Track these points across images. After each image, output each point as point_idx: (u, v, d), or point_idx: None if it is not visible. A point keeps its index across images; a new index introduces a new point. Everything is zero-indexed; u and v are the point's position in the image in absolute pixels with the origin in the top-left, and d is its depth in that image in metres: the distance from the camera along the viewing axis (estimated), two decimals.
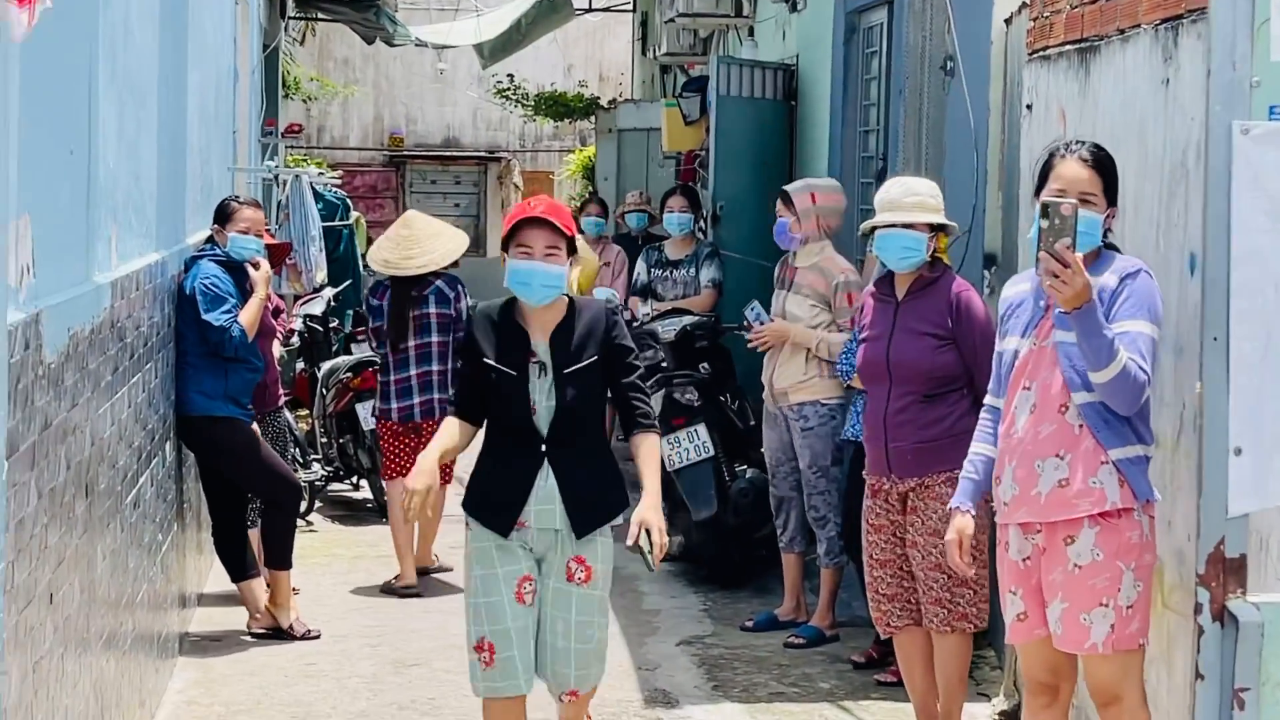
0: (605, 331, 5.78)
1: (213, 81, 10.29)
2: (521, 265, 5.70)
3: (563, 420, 5.72)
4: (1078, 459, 5.14)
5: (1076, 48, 6.40)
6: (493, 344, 5.77)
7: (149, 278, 7.12)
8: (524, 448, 5.74)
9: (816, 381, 8.56)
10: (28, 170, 4.45)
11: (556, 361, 5.72)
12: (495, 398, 5.77)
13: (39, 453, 4.63)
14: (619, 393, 5.84)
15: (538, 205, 5.79)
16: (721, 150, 12.65)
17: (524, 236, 5.71)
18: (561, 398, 5.71)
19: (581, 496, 5.74)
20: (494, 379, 5.74)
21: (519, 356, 5.75)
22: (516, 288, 5.75)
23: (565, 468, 5.72)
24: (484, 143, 26.96)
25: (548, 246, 5.69)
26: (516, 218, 5.76)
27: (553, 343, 5.75)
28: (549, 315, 5.80)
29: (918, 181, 6.95)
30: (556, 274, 5.72)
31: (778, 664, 8.23)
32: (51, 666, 4.88)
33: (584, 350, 5.75)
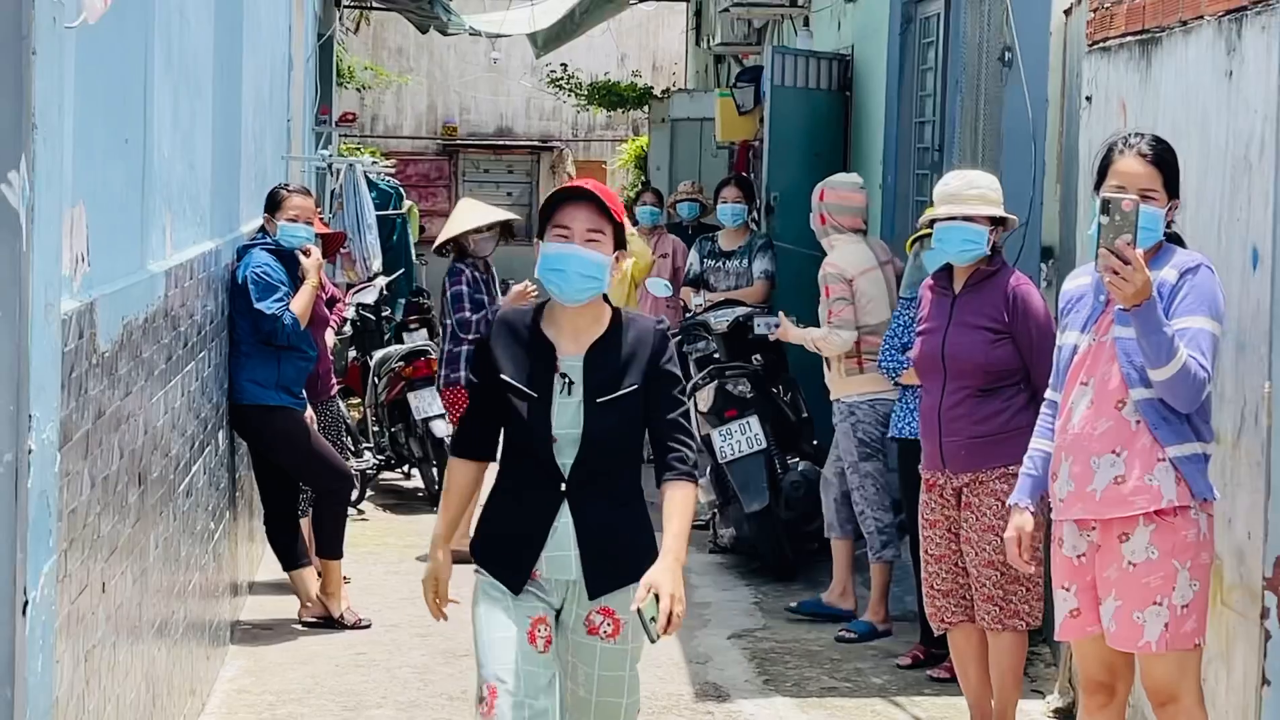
0: (653, 355, 4.79)
1: (267, 70, 10.29)
2: (556, 248, 4.70)
3: (590, 455, 4.75)
4: (1134, 456, 5.08)
5: (1137, 39, 6.33)
6: (512, 358, 4.79)
7: (203, 266, 7.12)
8: (541, 483, 4.79)
9: (837, 380, 8.72)
10: (83, 159, 4.45)
11: (590, 383, 4.74)
12: (510, 421, 4.81)
13: (92, 441, 4.62)
14: (658, 430, 4.83)
15: (583, 182, 4.88)
16: (775, 141, 12.61)
17: (563, 215, 4.74)
18: (591, 428, 4.74)
19: (603, 548, 4.78)
20: (509, 400, 4.78)
21: (542, 373, 4.77)
22: (548, 276, 4.74)
23: (587, 511, 4.77)
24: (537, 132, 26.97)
25: (590, 229, 4.71)
26: (556, 193, 4.85)
27: (588, 360, 4.76)
28: (585, 322, 4.81)
29: (978, 174, 6.90)
30: (598, 263, 4.70)
31: (829, 658, 8.19)
32: (103, 655, 4.88)
33: (625, 374, 4.77)
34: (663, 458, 4.82)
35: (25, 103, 3.64)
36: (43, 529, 3.87)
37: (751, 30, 16.72)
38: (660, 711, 7.33)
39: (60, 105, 3.96)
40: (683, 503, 4.75)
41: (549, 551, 4.77)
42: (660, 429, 4.81)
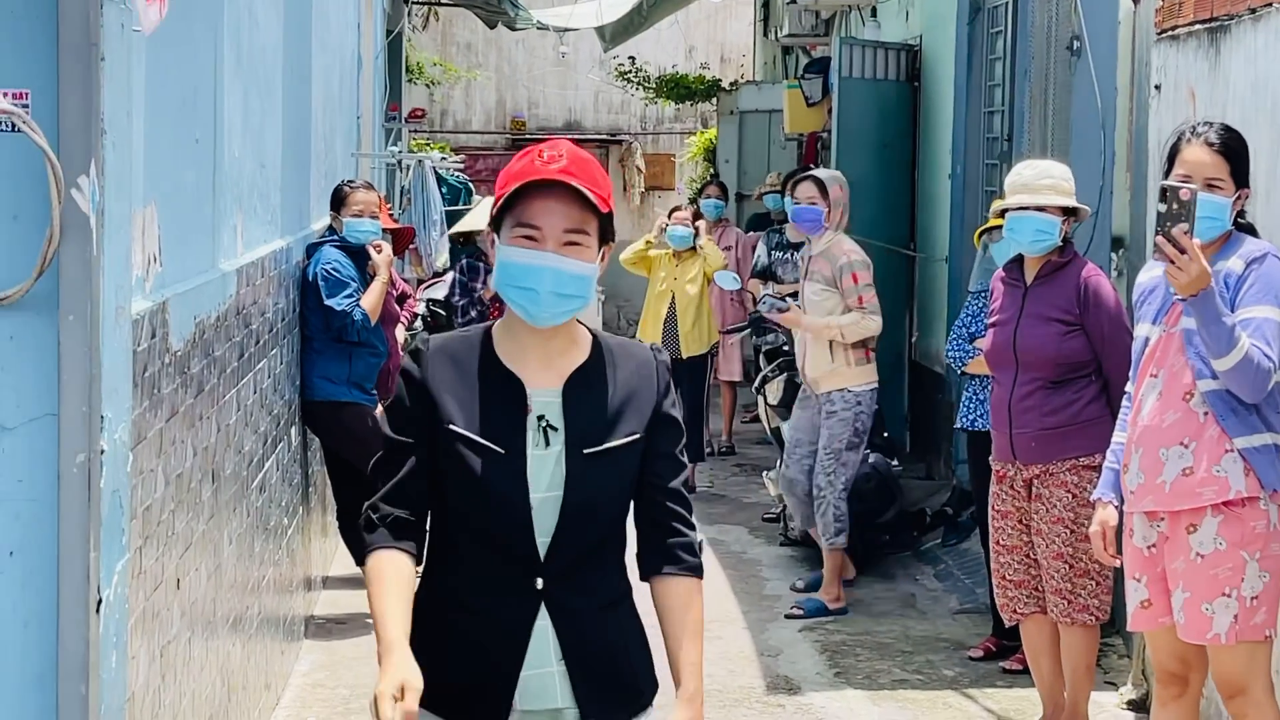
0: (658, 395, 3.49)
1: (336, 68, 10.35)
2: (522, 258, 3.33)
3: (573, 530, 3.38)
4: (1202, 447, 5.06)
5: (1206, 27, 6.29)
6: (461, 400, 3.38)
7: (274, 264, 7.18)
8: (506, 577, 3.39)
9: (844, 370, 8.76)
10: (154, 160, 4.49)
11: (574, 427, 3.39)
12: (461, 492, 3.38)
13: (166, 439, 4.67)
14: (655, 501, 3.50)
15: (554, 159, 3.34)
16: (844, 132, 12.60)
17: (530, 209, 3.34)
18: (576, 490, 3.37)
19: (597, 666, 3.42)
20: (460, 460, 3.36)
21: (509, 418, 3.38)
22: (510, 294, 3.37)
23: (572, 614, 3.40)
24: (605, 126, 26.95)
25: (569, 229, 3.34)
26: (520, 177, 3.35)
27: (569, 396, 3.41)
28: (560, 345, 3.44)
29: (1051, 164, 6.87)
30: (580, 275, 3.35)
31: (901, 651, 8.18)
32: (179, 650, 4.93)
33: (621, 418, 3.43)
34: (662, 541, 3.50)
35: (94, 108, 3.68)
36: (115, 528, 3.92)
37: (819, 21, 16.68)
38: (731, 705, 7.34)
39: (130, 109, 4.00)
40: (696, 610, 3.49)
41: (525, 671, 3.38)
42: (658, 500, 3.50)
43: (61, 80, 3.67)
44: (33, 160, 3.65)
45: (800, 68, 16.84)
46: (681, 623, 3.46)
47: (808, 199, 8.86)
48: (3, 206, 3.70)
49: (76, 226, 3.67)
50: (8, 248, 3.70)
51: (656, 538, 3.50)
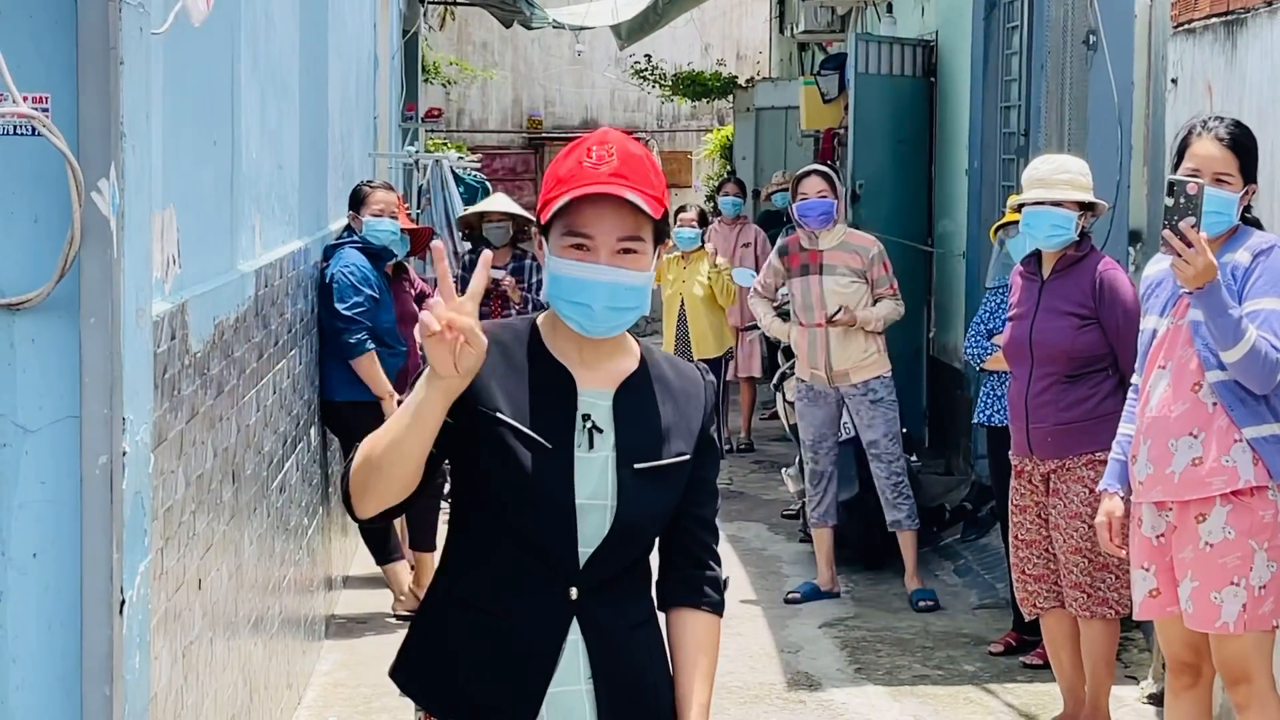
0: (705, 417, 3.34)
1: (353, 68, 10.37)
2: (575, 272, 3.13)
3: (620, 548, 3.22)
4: (1211, 437, 5.08)
5: (1222, 20, 6.28)
6: (508, 390, 3.18)
7: (292, 265, 7.19)
8: (537, 583, 3.20)
9: (877, 357, 8.88)
10: (172, 161, 4.51)
11: (625, 437, 3.22)
12: (503, 485, 3.16)
13: (186, 441, 4.69)
14: (688, 529, 3.36)
15: (604, 159, 3.13)
16: (860, 128, 12.60)
17: (581, 218, 3.13)
18: (630, 506, 3.20)
19: (625, 686, 3.25)
20: (506, 452, 3.15)
21: (558, 412, 3.20)
22: (563, 308, 3.17)
23: (604, 629, 3.23)
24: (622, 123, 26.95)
25: (623, 238, 3.13)
26: (571, 185, 3.12)
27: (620, 402, 3.24)
28: (609, 349, 3.27)
29: (1068, 159, 6.87)
30: (637, 287, 3.15)
31: (921, 646, 8.18)
32: (200, 651, 4.95)
33: (671, 436, 3.27)
34: (689, 572, 3.36)
35: (113, 111, 3.70)
36: (138, 529, 3.93)
37: (835, 18, 16.68)
38: (752, 701, 7.35)
39: (148, 112, 4.02)
40: (713, 651, 3.35)
41: (553, 688, 3.20)
42: (691, 529, 3.36)
43: (81, 84, 3.68)
44: (53, 164, 3.67)
45: (816, 64, 16.85)
46: (696, 662, 3.31)
47: (818, 193, 8.87)
48: (23, 210, 3.72)
49: (97, 229, 3.69)
50: (29, 251, 3.72)
51: (685, 568, 3.35)
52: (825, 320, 8.84)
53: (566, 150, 3.21)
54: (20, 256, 3.73)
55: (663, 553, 3.38)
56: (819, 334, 8.95)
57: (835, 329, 8.86)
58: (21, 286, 3.72)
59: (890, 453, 8.98)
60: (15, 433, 3.75)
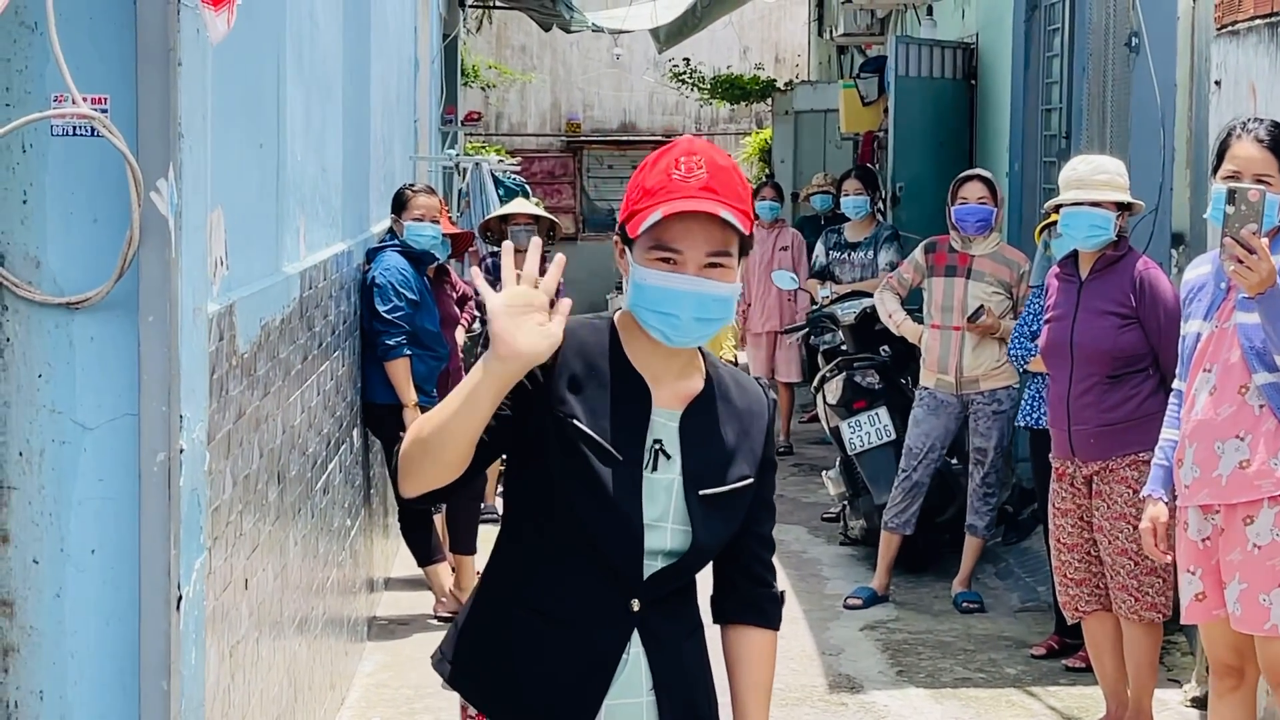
0: (766, 437, 3.35)
1: (394, 72, 10.42)
2: (663, 283, 3.09)
3: (686, 568, 3.23)
4: (1258, 440, 5.08)
5: (1267, 22, 6.27)
6: (586, 396, 3.15)
7: (336, 267, 7.23)
8: (599, 597, 3.19)
9: (1008, 367, 8.65)
10: (219, 164, 4.54)
11: (691, 462, 3.20)
12: (574, 492, 3.13)
13: (233, 441, 4.72)
14: (747, 547, 3.37)
15: (693, 170, 3.08)
16: (900, 131, 12.60)
17: (672, 231, 3.08)
18: (701, 531, 3.19)
19: (683, 696, 3.27)
20: (580, 459, 3.11)
21: (631, 430, 3.17)
22: (648, 318, 3.13)
23: (663, 642, 3.23)
24: (660, 127, 27.00)
25: (713, 253, 3.10)
26: (660, 197, 3.08)
27: (686, 425, 3.22)
28: (680, 365, 3.24)
29: (1106, 160, 6.87)
30: (723, 298, 3.12)
31: (963, 649, 8.18)
32: (247, 650, 4.98)
33: (735, 459, 3.27)
34: (749, 589, 3.38)
35: (172, 112, 3.74)
36: (194, 525, 3.97)
37: (874, 20, 16.68)
38: (794, 704, 7.35)
39: (204, 113, 4.06)
40: (771, 667, 3.40)
41: (612, 700, 3.20)
42: (750, 546, 3.37)
43: (140, 86, 3.72)
44: (112, 164, 3.71)
45: (856, 67, 16.86)
46: (757, 680, 3.34)
47: (978, 198, 8.73)
48: (83, 210, 3.76)
49: (155, 229, 3.73)
50: (88, 250, 3.77)
51: (744, 585, 3.36)
52: (965, 323, 8.74)
53: (653, 159, 3.16)
54: (80, 256, 3.77)
55: (720, 570, 3.37)
56: (953, 337, 8.83)
57: (971, 334, 8.76)
58: (81, 285, 3.77)
59: (994, 463, 8.91)
60: (74, 430, 3.80)
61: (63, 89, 3.64)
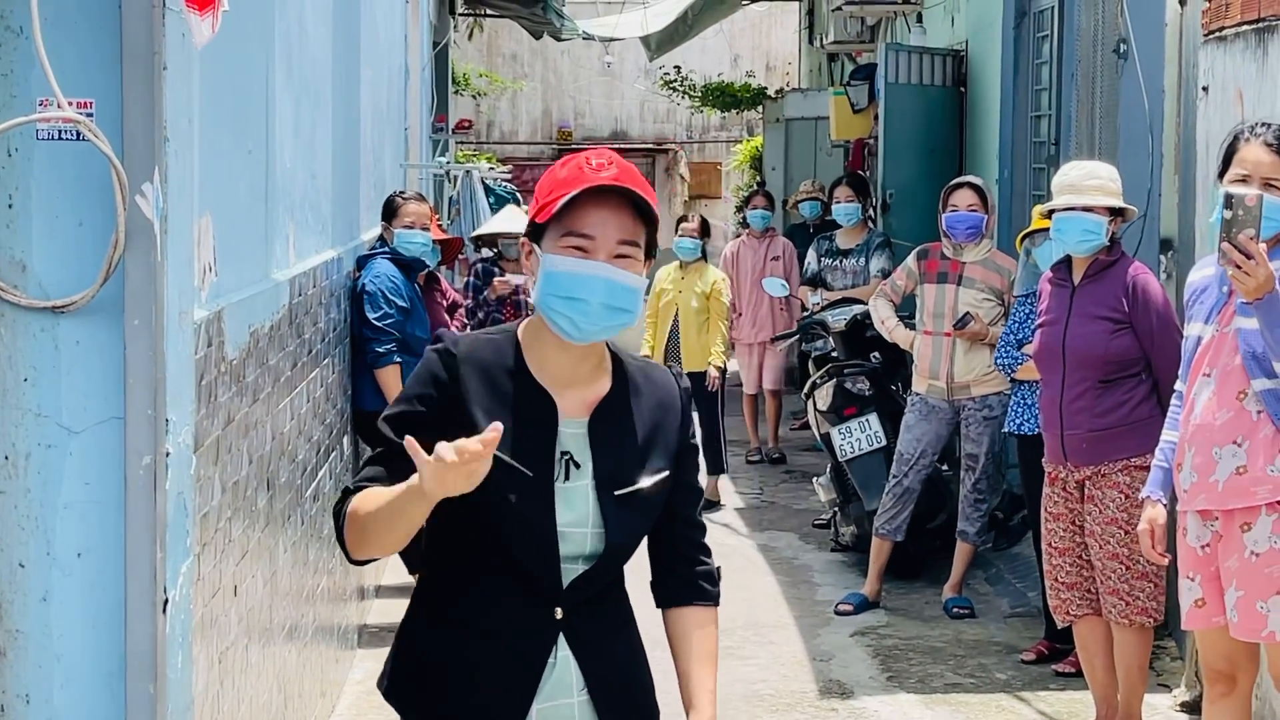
0: (681, 424, 3.38)
1: (384, 79, 10.42)
2: (575, 267, 3.14)
3: (606, 570, 3.28)
4: (1256, 446, 5.07)
5: (1254, 28, 6.28)
6: (492, 416, 3.10)
7: (325, 274, 7.23)
8: (521, 605, 3.24)
9: (998, 374, 8.62)
10: (208, 171, 4.54)
11: (602, 466, 3.24)
12: (487, 512, 3.17)
13: (222, 447, 4.72)
14: (677, 532, 3.43)
15: (604, 166, 3.19)
16: (890, 138, 12.61)
17: (584, 218, 3.16)
18: (614, 532, 3.24)
19: (614, 693, 3.33)
20: (488, 481, 2.98)
21: (539, 443, 3.21)
22: (555, 305, 3.16)
23: (589, 643, 3.29)
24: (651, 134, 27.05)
25: (623, 241, 3.17)
26: (572, 184, 3.17)
27: (594, 430, 3.26)
28: (588, 371, 3.29)
29: (1097, 165, 6.89)
30: (633, 288, 3.17)
31: (953, 655, 8.18)
32: (236, 657, 4.98)
33: (649, 455, 3.30)
34: (686, 571, 3.45)
35: (157, 116, 3.74)
36: (180, 530, 3.97)
37: (864, 28, 16.70)
38: (785, 709, 7.36)
39: (190, 118, 4.06)
40: (714, 639, 3.47)
41: (542, 703, 3.25)
42: (681, 530, 3.43)
43: (125, 89, 3.73)
44: (97, 168, 3.71)
45: (846, 74, 16.86)
46: (704, 652, 3.42)
47: (968, 206, 8.77)
48: (69, 213, 3.77)
49: (140, 232, 3.73)
50: (74, 254, 3.77)
51: (681, 568, 3.44)
52: (952, 329, 8.78)
53: (561, 163, 3.26)
54: (65, 260, 3.78)
55: (656, 556, 3.45)
56: (944, 343, 8.86)
57: (962, 340, 8.79)
58: (66, 289, 3.77)
59: (985, 469, 8.92)
60: (60, 434, 3.80)
61: (48, 93, 3.65)
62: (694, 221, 12.16)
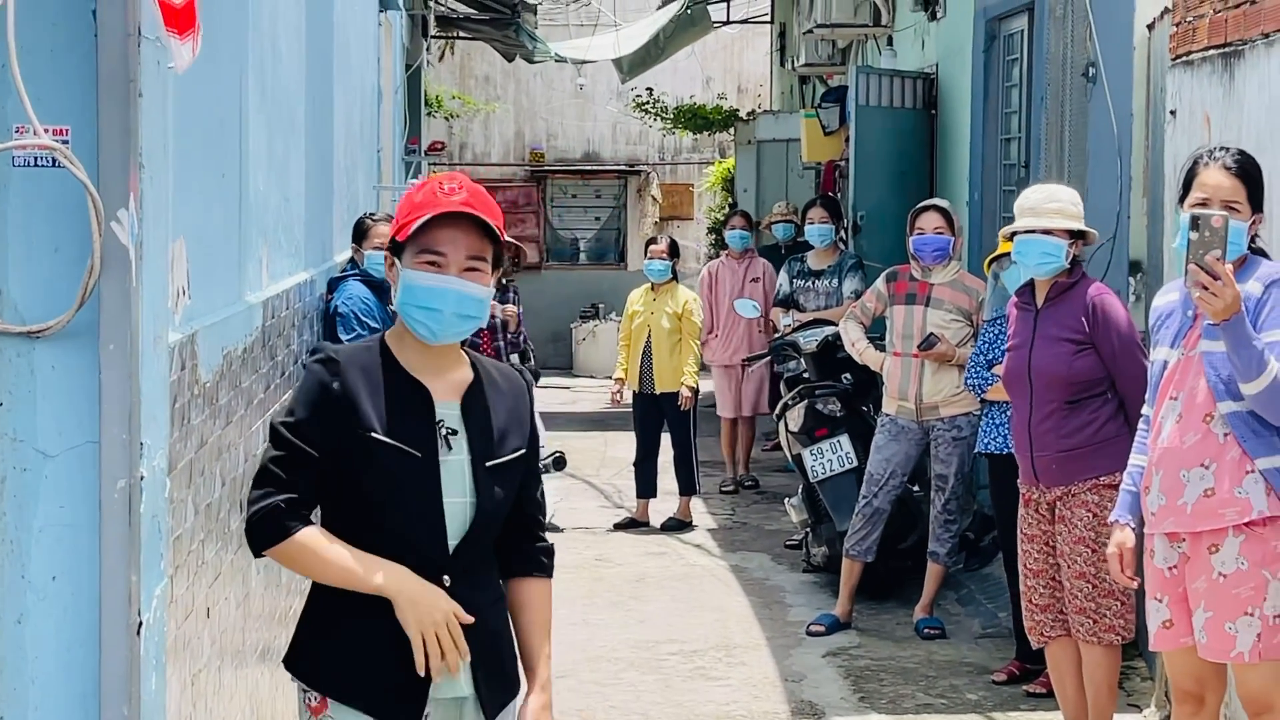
0: (530, 413, 3.91)
1: (357, 101, 10.44)
2: (429, 281, 3.67)
3: (478, 535, 3.73)
4: (1223, 468, 5.10)
5: (1220, 52, 6.35)
6: (377, 407, 3.66)
7: (298, 296, 7.24)
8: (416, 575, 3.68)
9: (969, 394, 8.63)
10: (182, 194, 4.56)
11: (475, 440, 3.74)
12: (380, 494, 3.65)
13: (195, 470, 4.74)
14: (521, 508, 3.91)
15: (455, 191, 3.72)
16: (861, 160, 12.65)
17: (436, 237, 3.68)
18: (485, 499, 3.72)
19: (491, 652, 3.78)
20: (380, 465, 3.62)
21: (421, 424, 3.70)
22: (414, 315, 3.70)
23: (474, 609, 3.70)
24: (624, 156, 27.05)
25: (471, 256, 3.70)
26: (426, 208, 3.69)
27: (466, 409, 3.77)
28: (450, 362, 3.81)
29: (1058, 188, 6.95)
30: (480, 298, 3.71)
31: (925, 675, 8.21)
32: (209, 679, 4.99)
33: (509, 434, 3.81)
34: (528, 546, 3.91)
35: (133, 143, 3.76)
36: (154, 552, 3.99)
37: (835, 51, 16.76)
38: None
39: (164, 144, 4.08)
40: (549, 608, 3.94)
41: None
42: (526, 509, 3.91)
43: (101, 116, 3.75)
44: (73, 194, 3.73)
45: (817, 97, 16.90)
46: (540, 620, 3.90)
47: (935, 228, 8.87)
48: (44, 240, 3.78)
49: (116, 258, 3.75)
50: (50, 280, 3.78)
51: (525, 544, 3.92)
52: (918, 349, 8.82)
53: (419, 186, 3.79)
54: (41, 285, 3.79)
55: (504, 531, 3.89)
56: (914, 364, 8.89)
57: (930, 361, 8.82)
58: (42, 314, 3.78)
59: (954, 490, 8.95)
60: (35, 458, 3.81)
61: (24, 120, 3.66)
62: (663, 243, 12.21)
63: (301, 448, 3.62)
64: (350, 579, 3.61)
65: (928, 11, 12.91)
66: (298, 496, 3.63)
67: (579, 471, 14.12)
